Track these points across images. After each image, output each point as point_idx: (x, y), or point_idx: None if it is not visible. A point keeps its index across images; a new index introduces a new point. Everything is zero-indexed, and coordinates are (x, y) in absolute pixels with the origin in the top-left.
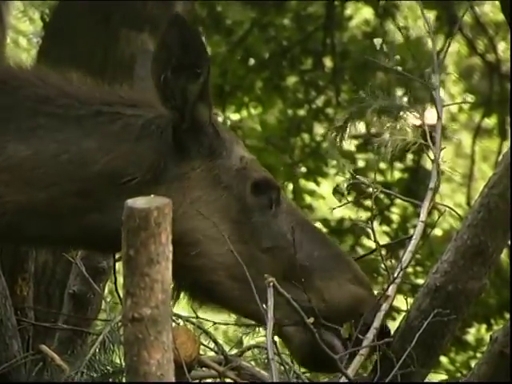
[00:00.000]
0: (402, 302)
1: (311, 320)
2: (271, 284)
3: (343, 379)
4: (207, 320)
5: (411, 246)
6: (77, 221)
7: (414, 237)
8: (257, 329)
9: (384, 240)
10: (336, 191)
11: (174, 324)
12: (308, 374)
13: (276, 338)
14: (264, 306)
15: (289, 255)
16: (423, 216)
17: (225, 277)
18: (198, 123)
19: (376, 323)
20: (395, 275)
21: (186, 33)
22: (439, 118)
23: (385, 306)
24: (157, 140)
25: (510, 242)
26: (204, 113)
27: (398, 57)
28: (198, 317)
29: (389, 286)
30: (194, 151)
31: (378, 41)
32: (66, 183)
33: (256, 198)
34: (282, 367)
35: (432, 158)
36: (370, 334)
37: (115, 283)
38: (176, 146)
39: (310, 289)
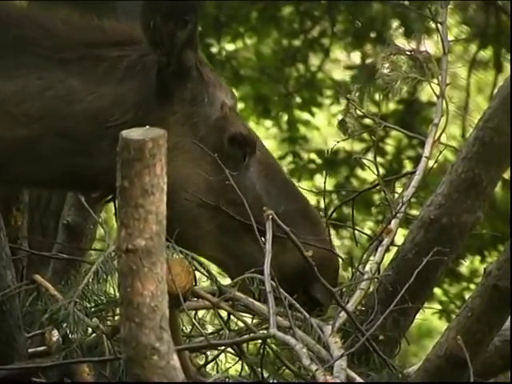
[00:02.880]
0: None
1: (310, 253)
2: (270, 217)
3: (342, 313)
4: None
5: (414, 182)
6: (59, 162)
7: (417, 172)
8: None
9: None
10: (341, 124)
11: (168, 255)
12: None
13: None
14: (262, 238)
15: (256, 208)
16: (427, 151)
17: (190, 225)
18: (184, 68)
19: (378, 257)
20: (397, 209)
21: None
22: (445, 53)
23: (386, 241)
24: (140, 81)
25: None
26: (190, 58)
27: None
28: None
29: (391, 220)
30: (176, 96)
31: None
32: (50, 120)
33: (230, 151)
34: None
35: (437, 93)
36: (371, 268)
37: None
38: (160, 89)
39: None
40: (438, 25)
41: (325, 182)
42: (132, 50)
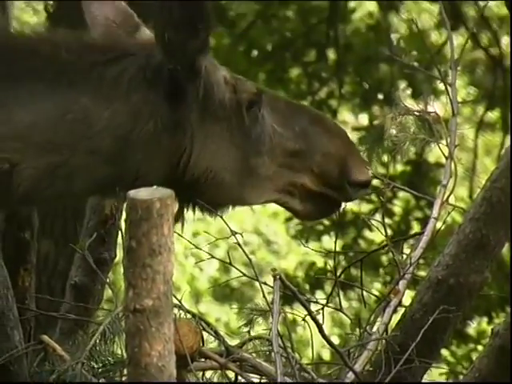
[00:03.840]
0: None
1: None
2: (278, 277)
3: (350, 374)
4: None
5: (422, 242)
6: (90, 176)
7: (425, 233)
8: (258, 320)
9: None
10: None
11: (175, 315)
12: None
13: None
14: (269, 299)
15: (284, 143)
16: (435, 212)
17: (244, 189)
18: (197, 71)
19: (385, 318)
20: (405, 270)
21: None
22: (454, 114)
23: (394, 302)
24: (147, 91)
25: (510, 237)
26: (202, 62)
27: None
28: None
29: (399, 281)
30: (190, 96)
31: (395, 36)
32: (77, 142)
33: (249, 115)
34: (285, 359)
35: (446, 154)
36: (379, 328)
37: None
38: (173, 94)
39: (308, 158)
40: (447, 86)
41: (335, 243)
42: (129, 63)
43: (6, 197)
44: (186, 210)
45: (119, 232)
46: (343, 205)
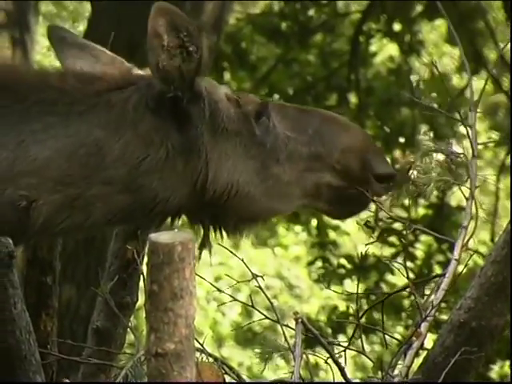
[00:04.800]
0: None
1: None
2: (299, 321)
3: None
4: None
5: (444, 284)
6: (107, 206)
7: (446, 275)
8: (280, 363)
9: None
10: (366, 226)
11: (197, 359)
12: None
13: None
14: (292, 342)
15: (300, 148)
16: (456, 254)
17: (262, 207)
18: (197, 94)
19: (407, 361)
20: (427, 312)
21: (172, 16)
22: (474, 155)
23: (416, 344)
24: (152, 118)
25: None
26: (201, 83)
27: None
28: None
29: (421, 323)
30: (196, 118)
31: (414, 78)
32: (93, 174)
33: (259, 126)
34: None
35: (467, 196)
36: (401, 371)
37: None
38: (179, 119)
39: (327, 157)
40: (468, 128)
41: (357, 286)
42: (132, 92)
43: (24, 231)
44: (211, 235)
45: (141, 276)
46: (374, 198)
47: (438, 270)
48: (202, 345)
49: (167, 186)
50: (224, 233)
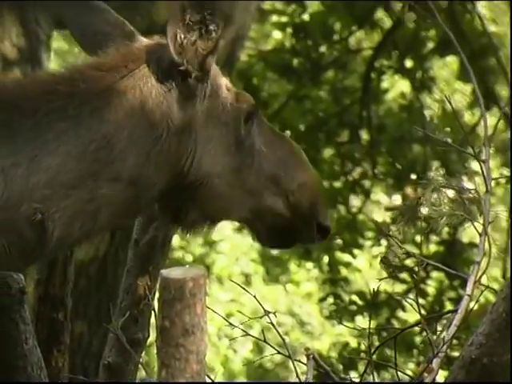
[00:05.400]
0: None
1: None
2: (311, 356)
3: None
4: None
5: (456, 320)
6: (114, 204)
7: (458, 310)
8: None
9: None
10: (383, 262)
11: None
12: None
13: None
14: (303, 379)
15: (268, 164)
16: (469, 290)
17: (226, 201)
18: (205, 72)
19: None
20: (439, 348)
21: None
22: (487, 191)
23: (428, 380)
24: (160, 94)
25: None
26: (211, 63)
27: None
28: None
29: (432, 359)
30: (198, 96)
31: (427, 112)
32: (100, 170)
33: (245, 127)
34: None
35: (480, 231)
36: None
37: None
38: (182, 95)
39: (286, 185)
40: (481, 163)
41: (369, 322)
42: (131, 73)
43: (43, 247)
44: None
45: (152, 312)
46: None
47: (449, 306)
48: (213, 381)
49: (162, 171)
50: (179, 226)
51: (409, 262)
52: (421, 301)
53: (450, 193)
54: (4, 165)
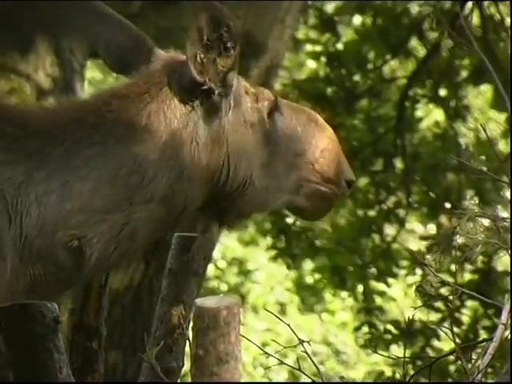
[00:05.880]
0: None
1: None
2: (343, 379)
3: None
4: None
5: (491, 349)
6: (149, 225)
7: (494, 339)
8: None
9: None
10: (418, 291)
11: None
12: None
13: None
14: None
15: (293, 145)
16: (504, 318)
17: (266, 195)
18: (228, 88)
19: None
20: (474, 376)
21: (215, 12)
22: None
23: None
24: (185, 114)
25: None
26: (232, 78)
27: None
28: None
29: None
30: (223, 108)
31: (463, 141)
32: (134, 195)
33: (269, 121)
34: None
35: None
36: None
37: None
38: (206, 111)
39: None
40: None
41: (404, 351)
42: (154, 98)
43: (80, 272)
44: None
45: (187, 341)
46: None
47: (484, 335)
48: None
49: (198, 186)
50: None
51: (444, 290)
52: (455, 329)
53: (485, 221)
54: (38, 193)
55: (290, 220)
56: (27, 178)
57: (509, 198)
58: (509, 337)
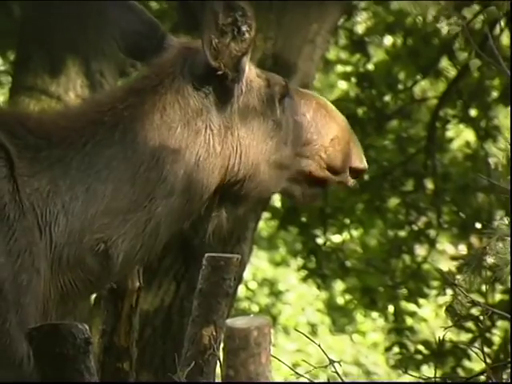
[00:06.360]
0: None
1: None
2: None
3: None
4: None
5: None
6: (169, 218)
7: None
8: None
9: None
10: (448, 311)
11: None
12: None
13: None
14: None
15: (301, 133)
16: None
17: (271, 179)
18: (241, 73)
19: None
20: None
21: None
22: None
23: None
24: (199, 101)
25: None
26: (245, 63)
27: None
28: None
29: None
30: (235, 94)
31: (493, 161)
32: (155, 190)
33: (280, 107)
34: None
35: None
36: None
37: None
38: (221, 97)
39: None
40: None
41: (435, 372)
42: (167, 89)
43: (109, 273)
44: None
45: (217, 361)
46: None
47: None
48: None
49: (212, 173)
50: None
51: (474, 310)
52: (486, 350)
53: None
54: (64, 200)
55: (320, 241)
56: (53, 188)
57: None
58: None
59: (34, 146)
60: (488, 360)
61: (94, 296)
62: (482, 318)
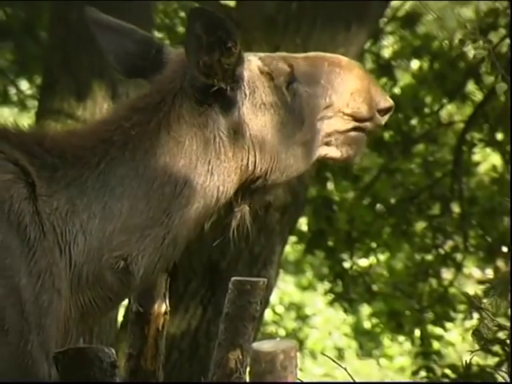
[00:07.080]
0: None
1: None
2: None
3: None
4: None
5: None
6: (187, 227)
7: None
8: None
9: None
10: (475, 335)
11: None
12: None
13: None
14: None
15: (318, 102)
16: None
17: (297, 163)
18: (240, 80)
19: None
20: None
21: (208, 17)
22: None
23: None
24: (203, 112)
25: None
26: (242, 70)
27: None
28: None
29: None
30: (240, 100)
31: None
32: (171, 205)
33: (289, 93)
34: None
35: None
36: None
37: None
38: (224, 104)
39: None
40: None
41: None
42: (170, 106)
43: (128, 288)
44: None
45: None
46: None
47: None
48: None
49: (229, 177)
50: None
51: (501, 334)
52: None
53: None
54: (82, 219)
55: (347, 265)
56: (71, 207)
57: None
58: None
59: (50, 166)
60: None
61: (120, 320)
62: (508, 341)
